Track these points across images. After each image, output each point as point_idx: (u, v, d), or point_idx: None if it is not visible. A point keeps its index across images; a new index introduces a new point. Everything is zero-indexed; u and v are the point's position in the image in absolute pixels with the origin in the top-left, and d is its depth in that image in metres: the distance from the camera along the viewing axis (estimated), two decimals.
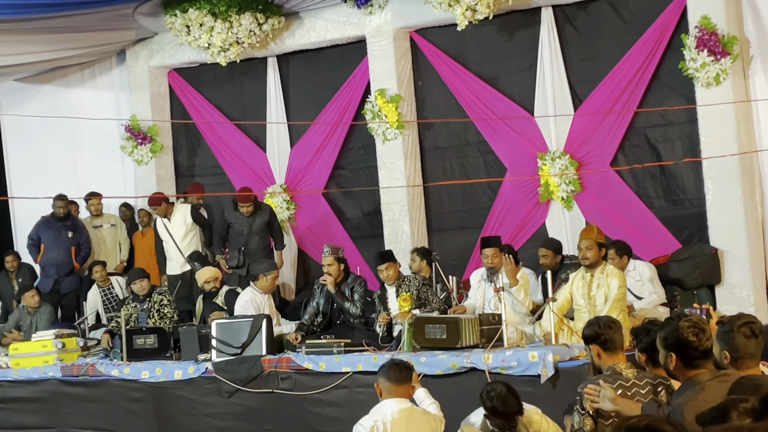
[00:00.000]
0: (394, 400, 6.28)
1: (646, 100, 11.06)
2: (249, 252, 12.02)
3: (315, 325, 10.01)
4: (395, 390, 6.31)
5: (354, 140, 12.95)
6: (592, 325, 5.77)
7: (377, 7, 12.23)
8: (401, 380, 6.34)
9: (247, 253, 12.01)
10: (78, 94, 14.38)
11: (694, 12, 10.43)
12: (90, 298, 12.49)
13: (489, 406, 6.39)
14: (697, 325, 4.63)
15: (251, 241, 12.04)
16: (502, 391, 6.41)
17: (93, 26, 12.69)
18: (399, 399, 6.30)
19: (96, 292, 12.49)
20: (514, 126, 11.77)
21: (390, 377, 6.33)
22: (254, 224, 12.04)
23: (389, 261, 9.79)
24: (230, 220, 12.12)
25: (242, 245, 12.00)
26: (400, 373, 6.36)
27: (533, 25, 11.67)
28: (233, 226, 12.11)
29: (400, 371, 6.36)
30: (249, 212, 11.98)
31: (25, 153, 14.55)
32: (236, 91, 13.78)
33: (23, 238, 13.35)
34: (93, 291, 12.53)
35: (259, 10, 12.46)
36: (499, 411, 6.37)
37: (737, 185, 10.26)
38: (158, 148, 13.78)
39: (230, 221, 12.12)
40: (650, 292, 9.81)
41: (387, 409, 6.24)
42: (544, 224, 11.67)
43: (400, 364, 6.44)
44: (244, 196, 12.05)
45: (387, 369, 6.38)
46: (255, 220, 12.04)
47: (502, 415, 6.38)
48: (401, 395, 6.33)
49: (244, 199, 12.00)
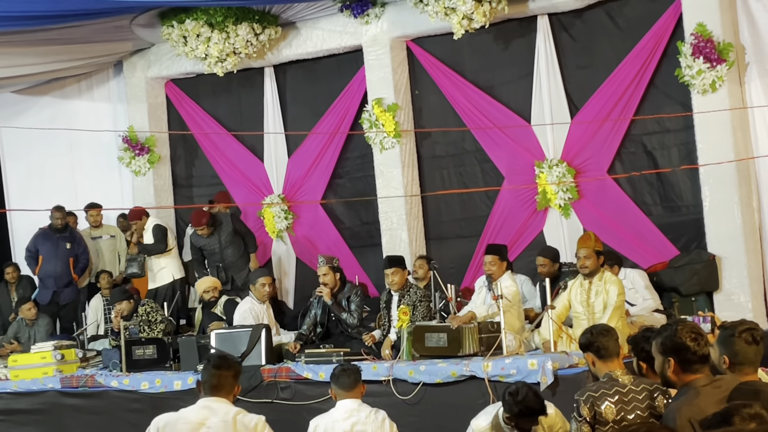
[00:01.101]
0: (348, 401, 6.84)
1: (642, 107, 11.09)
2: (228, 266, 12.08)
3: (313, 335, 10.02)
4: (345, 394, 6.86)
5: (351, 149, 12.96)
6: (586, 333, 5.80)
7: (374, 16, 12.26)
8: (351, 385, 6.86)
9: (226, 268, 12.05)
10: (75, 105, 14.40)
11: (689, 19, 10.45)
12: (92, 306, 12.49)
13: (516, 410, 6.39)
14: (695, 330, 4.65)
15: (225, 255, 12.08)
16: (528, 393, 6.44)
17: (90, 38, 12.71)
18: (351, 400, 6.85)
19: (99, 301, 12.48)
20: (511, 134, 11.79)
21: (340, 384, 6.88)
22: (222, 238, 12.06)
23: (396, 266, 9.78)
24: (198, 243, 12.17)
25: (218, 262, 12.01)
26: (348, 378, 6.87)
27: (529, 33, 11.70)
28: (204, 248, 12.15)
29: (348, 376, 6.88)
30: (207, 233, 12.02)
31: (22, 164, 14.56)
32: (233, 102, 13.79)
33: (21, 250, 13.36)
34: (96, 299, 12.53)
35: (256, 21, 12.48)
36: (525, 413, 6.39)
37: (734, 192, 10.28)
38: (156, 158, 13.80)
39: (199, 244, 12.17)
40: (644, 299, 9.83)
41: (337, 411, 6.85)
42: (542, 232, 11.68)
43: (348, 370, 6.94)
44: (195, 220, 12.08)
45: (337, 377, 6.91)
46: (221, 234, 12.07)
47: (526, 417, 6.40)
48: (354, 397, 6.86)
49: (197, 223, 12.02)
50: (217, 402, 5.41)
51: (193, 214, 12.30)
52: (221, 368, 5.48)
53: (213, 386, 5.45)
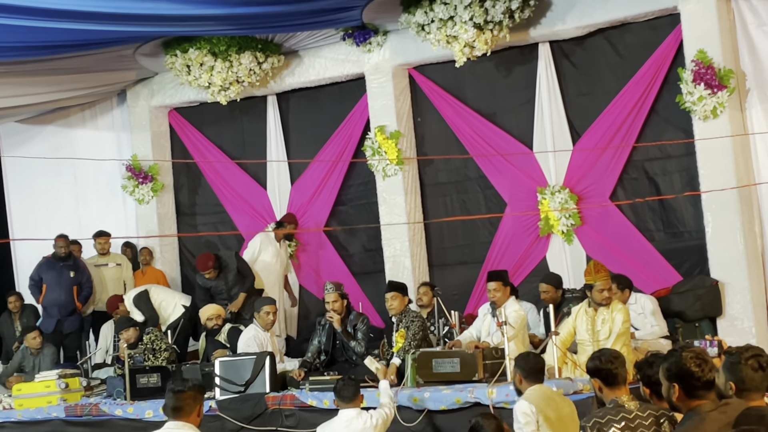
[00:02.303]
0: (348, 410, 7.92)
1: (644, 133, 11.14)
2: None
3: (318, 362, 10.02)
4: (346, 405, 7.93)
5: (354, 176, 13.02)
6: (594, 359, 5.78)
7: (376, 44, 12.34)
8: (350, 397, 7.93)
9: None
10: (79, 134, 14.48)
11: (690, 46, 10.52)
12: (103, 332, 12.47)
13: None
14: (700, 356, 4.67)
15: (233, 294, 12.06)
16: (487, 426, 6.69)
17: (94, 67, 12.79)
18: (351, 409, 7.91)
19: (110, 327, 12.42)
20: (513, 161, 11.84)
21: (342, 396, 7.94)
22: (228, 279, 12.05)
23: (396, 291, 9.79)
24: (206, 285, 12.15)
25: (226, 301, 11.99)
26: (348, 391, 7.94)
27: (531, 60, 11.78)
28: (212, 289, 12.13)
29: (348, 389, 7.95)
30: (214, 276, 12.02)
31: (27, 193, 14.61)
32: (236, 130, 13.86)
33: (25, 279, 13.36)
34: (107, 325, 12.47)
35: (259, 50, 12.57)
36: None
37: (736, 217, 10.31)
38: (159, 187, 13.85)
39: (207, 286, 12.15)
40: (651, 325, 9.82)
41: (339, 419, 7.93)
42: (545, 258, 11.71)
43: (348, 384, 7.99)
44: (202, 264, 12.05)
45: (339, 390, 7.98)
46: (227, 275, 12.07)
47: None
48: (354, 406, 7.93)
49: (203, 267, 12.03)
50: (179, 426, 5.66)
51: (199, 258, 12.24)
52: (179, 391, 5.76)
53: (173, 409, 5.74)
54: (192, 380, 5.94)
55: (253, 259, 12.35)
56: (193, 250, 13.98)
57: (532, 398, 6.87)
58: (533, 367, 6.97)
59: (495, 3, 10.71)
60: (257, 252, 12.39)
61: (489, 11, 10.76)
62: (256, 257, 12.36)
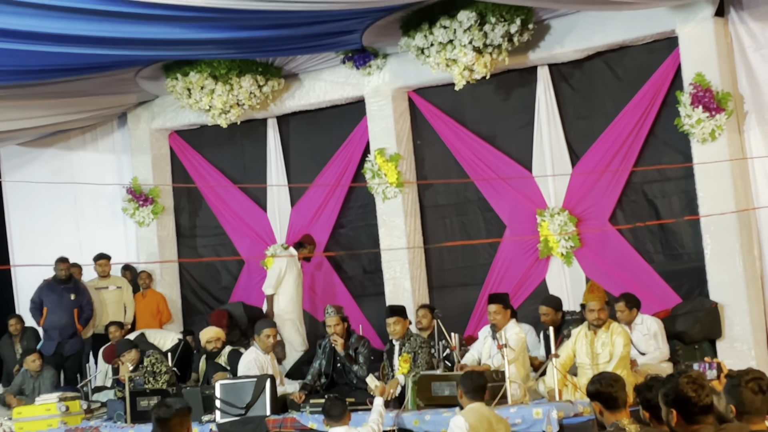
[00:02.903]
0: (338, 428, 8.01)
1: (642, 156, 11.18)
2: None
3: (318, 385, 10.03)
4: (336, 423, 8.01)
5: (354, 199, 13.05)
6: (594, 382, 5.79)
7: (375, 67, 12.40)
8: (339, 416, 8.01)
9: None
10: (80, 157, 14.52)
11: (688, 69, 10.57)
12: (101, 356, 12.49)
13: None
14: (697, 381, 4.68)
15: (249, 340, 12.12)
16: None
17: (95, 91, 12.83)
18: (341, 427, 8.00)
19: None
20: (512, 183, 11.88)
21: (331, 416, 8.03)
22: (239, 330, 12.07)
23: (397, 316, 9.82)
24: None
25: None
26: (337, 410, 8.04)
27: (530, 83, 11.83)
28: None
29: (336, 409, 8.05)
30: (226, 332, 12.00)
31: (27, 216, 14.63)
32: (237, 152, 13.91)
33: (25, 302, 13.38)
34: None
35: (259, 73, 12.62)
36: None
37: (735, 240, 10.33)
38: (160, 209, 13.88)
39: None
40: (655, 348, 9.81)
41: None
42: (545, 280, 11.73)
43: (335, 404, 8.12)
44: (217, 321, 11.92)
45: (328, 410, 8.09)
46: (239, 328, 12.09)
47: None
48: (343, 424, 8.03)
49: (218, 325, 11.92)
50: None
51: (212, 319, 12.11)
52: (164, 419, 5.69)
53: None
54: (176, 402, 5.78)
55: (278, 283, 12.40)
56: (194, 273, 14.01)
57: (468, 415, 7.26)
58: (475, 386, 7.40)
59: (494, 27, 10.77)
60: (283, 274, 12.43)
61: (488, 35, 10.82)
62: (282, 279, 12.41)
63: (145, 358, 11.06)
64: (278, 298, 12.45)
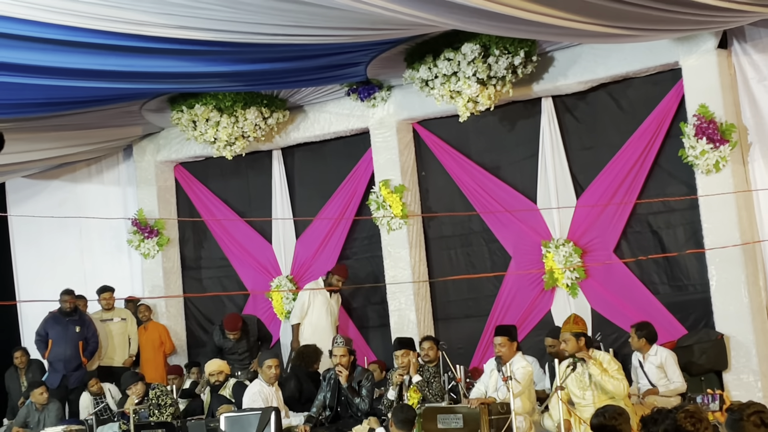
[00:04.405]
0: None
1: (647, 187, 11.19)
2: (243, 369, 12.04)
3: (323, 417, 10.00)
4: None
5: (359, 230, 13.07)
6: (599, 415, 5.80)
7: (380, 99, 12.45)
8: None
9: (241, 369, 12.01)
10: (85, 189, 14.57)
11: (691, 100, 10.59)
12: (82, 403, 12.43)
13: None
14: (695, 415, 4.67)
15: (243, 358, 12.07)
16: None
17: (101, 123, 12.90)
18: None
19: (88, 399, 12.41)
20: (517, 214, 11.88)
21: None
22: (249, 343, 12.06)
23: (406, 348, 9.81)
24: (226, 345, 12.13)
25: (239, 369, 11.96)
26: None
27: (534, 115, 11.86)
28: (228, 350, 12.11)
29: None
30: (237, 337, 12.02)
31: (32, 247, 14.67)
32: (242, 184, 13.94)
33: (30, 334, 13.38)
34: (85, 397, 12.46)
35: (264, 105, 12.67)
36: None
37: (740, 271, 10.31)
38: (165, 241, 13.91)
39: (226, 346, 12.13)
40: (673, 381, 9.73)
41: None
42: (550, 311, 11.71)
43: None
44: (231, 325, 12.02)
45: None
46: (248, 339, 12.08)
47: None
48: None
49: (232, 328, 12.01)
50: None
51: (228, 318, 12.17)
52: None
53: None
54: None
55: (303, 314, 12.42)
56: (198, 304, 14.02)
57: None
58: (404, 418, 8.02)
59: (498, 59, 10.81)
60: (306, 306, 12.43)
61: (492, 67, 10.86)
62: (306, 311, 12.41)
63: (150, 391, 11.05)
64: (303, 329, 12.45)
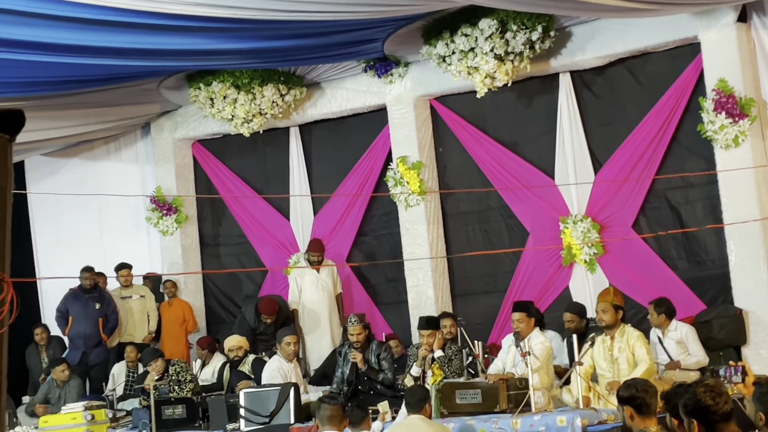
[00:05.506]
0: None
1: (665, 162, 11.15)
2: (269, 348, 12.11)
3: (342, 393, 10.03)
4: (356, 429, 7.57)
5: (377, 207, 13.07)
6: (629, 387, 5.77)
7: (397, 76, 12.43)
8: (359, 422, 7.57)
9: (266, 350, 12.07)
10: (104, 166, 14.61)
11: (710, 75, 10.54)
12: (116, 371, 12.56)
13: None
14: (714, 389, 4.67)
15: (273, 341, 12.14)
16: None
17: (119, 101, 12.91)
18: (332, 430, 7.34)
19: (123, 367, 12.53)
20: (535, 190, 11.87)
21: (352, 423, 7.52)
22: (278, 326, 12.13)
23: (433, 328, 9.76)
24: (259, 328, 12.18)
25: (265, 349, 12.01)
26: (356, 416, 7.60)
27: (552, 90, 11.83)
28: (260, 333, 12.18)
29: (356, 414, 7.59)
30: (273, 320, 12.09)
31: (52, 225, 14.72)
32: (259, 161, 13.96)
33: (51, 311, 13.46)
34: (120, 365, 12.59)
35: (282, 82, 12.67)
36: None
37: (760, 246, 10.28)
38: (183, 218, 13.95)
39: (259, 329, 12.18)
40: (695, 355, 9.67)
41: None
42: (568, 287, 11.71)
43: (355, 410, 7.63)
44: (268, 309, 12.07)
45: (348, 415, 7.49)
46: (278, 321, 12.14)
47: None
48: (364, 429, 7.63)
49: (270, 312, 12.06)
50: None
51: (264, 303, 12.20)
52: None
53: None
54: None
55: (297, 297, 12.51)
56: (217, 281, 14.07)
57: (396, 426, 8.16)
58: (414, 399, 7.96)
59: (515, 34, 10.77)
60: (298, 290, 12.55)
61: (510, 42, 10.82)
62: (299, 294, 12.52)
63: (170, 367, 11.11)
64: (302, 310, 12.53)
